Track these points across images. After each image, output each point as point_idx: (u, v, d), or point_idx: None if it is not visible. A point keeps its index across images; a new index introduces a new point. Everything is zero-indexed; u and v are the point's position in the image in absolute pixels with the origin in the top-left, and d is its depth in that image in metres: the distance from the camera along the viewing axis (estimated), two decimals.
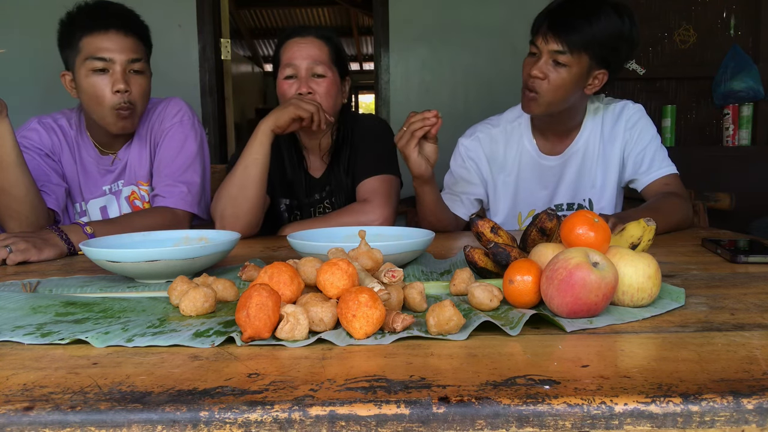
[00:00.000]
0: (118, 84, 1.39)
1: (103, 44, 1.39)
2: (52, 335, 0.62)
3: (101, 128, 1.50)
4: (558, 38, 1.38)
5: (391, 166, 1.56)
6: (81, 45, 1.40)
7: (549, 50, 1.40)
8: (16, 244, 1.13)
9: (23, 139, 1.49)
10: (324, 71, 1.49)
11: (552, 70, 1.41)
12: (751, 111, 3.38)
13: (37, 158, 1.49)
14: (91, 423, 0.44)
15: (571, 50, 1.38)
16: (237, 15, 7.43)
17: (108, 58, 1.39)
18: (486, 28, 3.61)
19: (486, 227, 0.90)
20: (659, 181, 1.52)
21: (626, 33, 1.40)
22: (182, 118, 1.55)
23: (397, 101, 3.74)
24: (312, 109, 1.38)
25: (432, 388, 0.47)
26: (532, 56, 1.45)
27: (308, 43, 1.50)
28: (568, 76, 1.40)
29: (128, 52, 1.41)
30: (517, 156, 1.61)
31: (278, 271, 0.67)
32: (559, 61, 1.40)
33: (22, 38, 3.41)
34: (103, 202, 1.57)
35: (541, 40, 1.41)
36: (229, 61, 3.79)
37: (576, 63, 1.39)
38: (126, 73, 1.41)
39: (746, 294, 0.78)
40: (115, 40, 1.40)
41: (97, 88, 1.40)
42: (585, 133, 1.58)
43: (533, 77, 1.42)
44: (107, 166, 1.55)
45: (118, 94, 1.40)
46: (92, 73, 1.40)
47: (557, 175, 1.60)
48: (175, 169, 1.51)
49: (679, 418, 0.44)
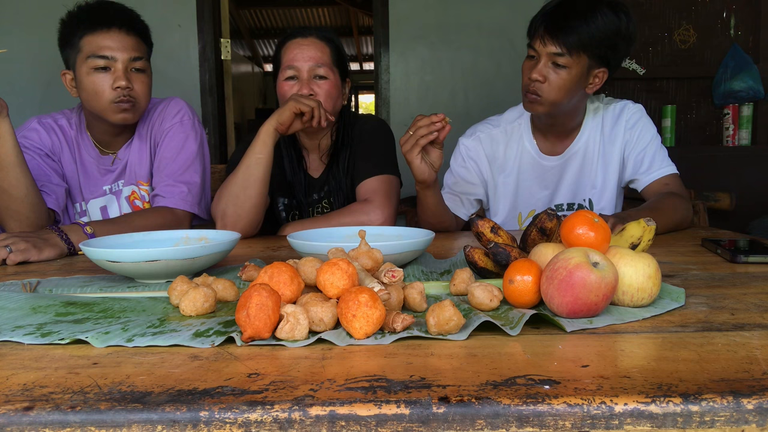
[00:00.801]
0: (120, 81, 1.40)
1: (105, 42, 1.40)
2: (52, 335, 0.62)
3: (102, 126, 1.50)
4: (556, 40, 1.38)
5: (391, 166, 1.56)
6: (82, 43, 1.41)
7: (547, 53, 1.40)
8: (16, 244, 1.13)
9: (23, 139, 1.49)
10: (325, 73, 1.49)
11: (552, 72, 1.41)
12: (751, 111, 3.38)
13: (37, 158, 1.49)
14: (91, 423, 0.44)
15: (570, 51, 1.38)
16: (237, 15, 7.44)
17: (110, 56, 1.40)
18: (486, 28, 3.61)
19: (486, 227, 0.90)
20: (659, 181, 1.51)
21: (623, 30, 1.40)
22: (183, 118, 1.55)
23: (397, 101, 3.74)
24: (312, 104, 1.38)
25: (432, 388, 0.47)
26: (530, 59, 1.45)
27: (310, 45, 1.49)
28: (568, 77, 1.40)
29: (130, 50, 1.42)
30: (518, 156, 1.61)
31: (278, 271, 0.67)
32: (558, 63, 1.40)
33: (22, 38, 3.41)
34: (103, 202, 1.57)
35: (539, 43, 1.41)
36: (229, 61, 3.79)
37: (575, 64, 1.39)
38: (127, 71, 1.42)
39: (746, 294, 0.78)
40: (117, 38, 1.41)
41: (98, 85, 1.41)
42: (585, 133, 1.58)
43: (533, 80, 1.42)
44: (107, 166, 1.55)
45: (118, 90, 1.41)
46: (94, 71, 1.40)
47: (557, 175, 1.60)
48: (176, 169, 1.51)
49: (679, 418, 0.44)
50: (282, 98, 1.51)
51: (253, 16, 7.94)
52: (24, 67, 3.44)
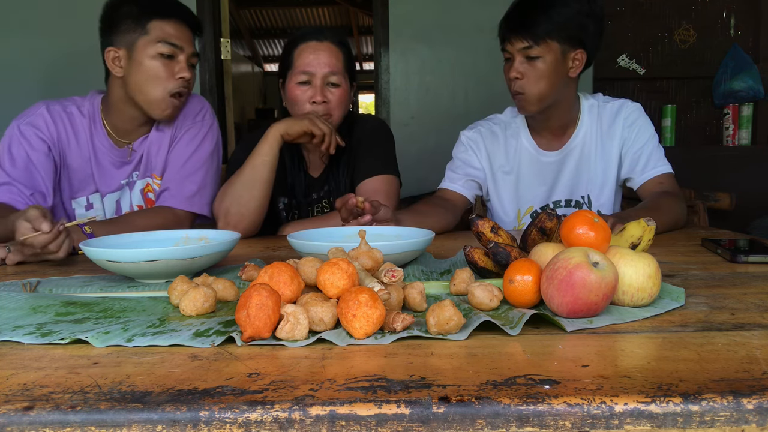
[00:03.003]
0: (184, 72, 1.45)
1: (176, 32, 1.44)
2: (52, 335, 0.62)
3: (127, 114, 1.49)
4: (521, 36, 1.43)
5: (391, 166, 1.56)
6: (151, 26, 1.43)
7: (517, 49, 1.45)
8: (15, 244, 1.13)
9: (28, 126, 1.45)
10: (338, 81, 1.49)
11: (527, 66, 1.45)
12: (751, 111, 3.38)
13: (34, 159, 1.44)
14: (91, 423, 0.44)
15: (537, 41, 1.42)
16: (237, 15, 7.44)
17: (179, 45, 1.44)
18: (486, 28, 3.59)
19: (486, 227, 0.90)
20: (654, 180, 1.53)
21: (587, 10, 1.44)
22: (204, 117, 1.58)
23: (397, 101, 3.74)
24: (326, 130, 1.40)
25: (432, 387, 0.47)
26: (507, 62, 1.50)
27: (326, 50, 1.49)
28: (544, 67, 1.44)
29: (192, 45, 1.48)
30: (516, 153, 1.63)
31: (278, 271, 0.67)
32: (530, 55, 1.44)
33: (22, 38, 3.41)
34: (118, 196, 1.55)
35: (507, 43, 1.47)
36: (229, 61, 3.79)
37: (547, 52, 1.43)
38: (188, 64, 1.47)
39: (746, 294, 0.78)
40: (185, 30, 1.46)
41: (162, 71, 1.43)
42: (582, 129, 1.59)
43: (513, 79, 1.47)
44: (124, 159, 1.53)
45: (181, 80, 1.45)
46: (160, 56, 1.43)
47: (555, 171, 1.61)
48: (188, 167, 1.51)
49: (679, 417, 0.44)
50: (292, 102, 1.51)
51: (253, 16, 7.94)
52: (24, 67, 3.44)
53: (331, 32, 1.54)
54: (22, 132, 1.44)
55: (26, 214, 1.08)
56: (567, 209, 1.62)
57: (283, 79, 1.55)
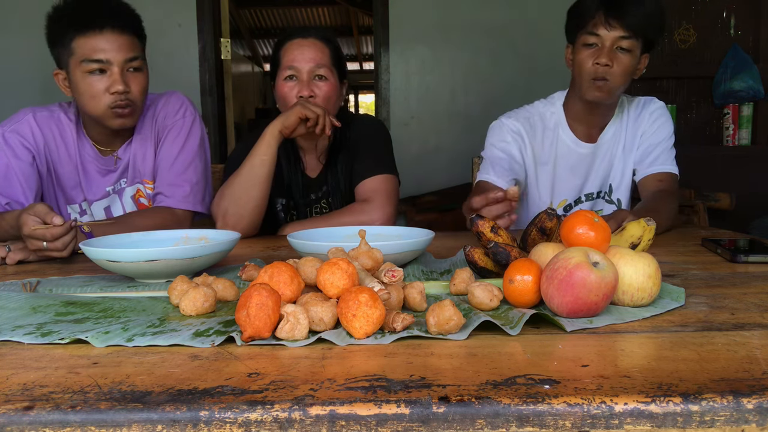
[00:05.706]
0: (117, 85, 1.34)
1: (99, 45, 1.33)
2: (52, 335, 0.62)
3: (99, 126, 1.45)
4: (620, 24, 1.40)
5: (390, 166, 1.56)
6: (74, 46, 1.34)
7: (613, 37, 1.41)
8: (15, 243, 1.12)
9: (13, 134, 1.42)
10: (325, 74, 1.49)
11: (617, 56, 1.42)
12: (751, 111, 3.38)
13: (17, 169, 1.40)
14: (91, 423, 0.44)
15: (632, 34, 1.41)
16: (237, 15, 7.43)
17: (105, 59, 1.34)
18: (486, 28, 3.61)
19: (486, 227, 0.90)
20: (655, 175, 1.54)
21: (663, 11, 1.45)
22: (185, 114, 1.53)
23: (397, 101, 3.74)
24: (319, 111, 1.39)
25: (432, 387, 0.47)
26: (588, 47, 1.45)
27: (310, 45, 1.49)
28: (629, 62, 1.43)
29: (125, 51, 1.35)
30: (553, 146, 1.61)
31: (278, 271, 0.67)
32: (622, 46, 1.42)
33: (22, 38, 3.41)
34: (106, 203, 1.54)
35: (602, 28, 1.41)
36: (229, 60, 3.79)
37: (635, 47, 1.43)
38: (124, 72, 1.36)
39: (746, 294, 0.78)
40: (110, 39, 1.34)
41: (94, 89, 1.35)
42: (615, 123, 1.60)
43: (603, 65, 1.42)
44: (110, 167, 1.52)
45: (115, 94, 1.36)
46: (88, 74, 1.34)
47: (589, 164, 1.62)
48: (178, 167, 1.49)
49: (679, 417, 0.44)
50: (281, 99, 1.51)
51: (253, 16, 7.93)
52: (24, 67, 3.44)
53: (317, 30, 1.55)
54: (6, 139, 1.40)
55: (33, 209, 1.07)
56: (597, 201, 1.63)
57: (274, 80, 1.55)
